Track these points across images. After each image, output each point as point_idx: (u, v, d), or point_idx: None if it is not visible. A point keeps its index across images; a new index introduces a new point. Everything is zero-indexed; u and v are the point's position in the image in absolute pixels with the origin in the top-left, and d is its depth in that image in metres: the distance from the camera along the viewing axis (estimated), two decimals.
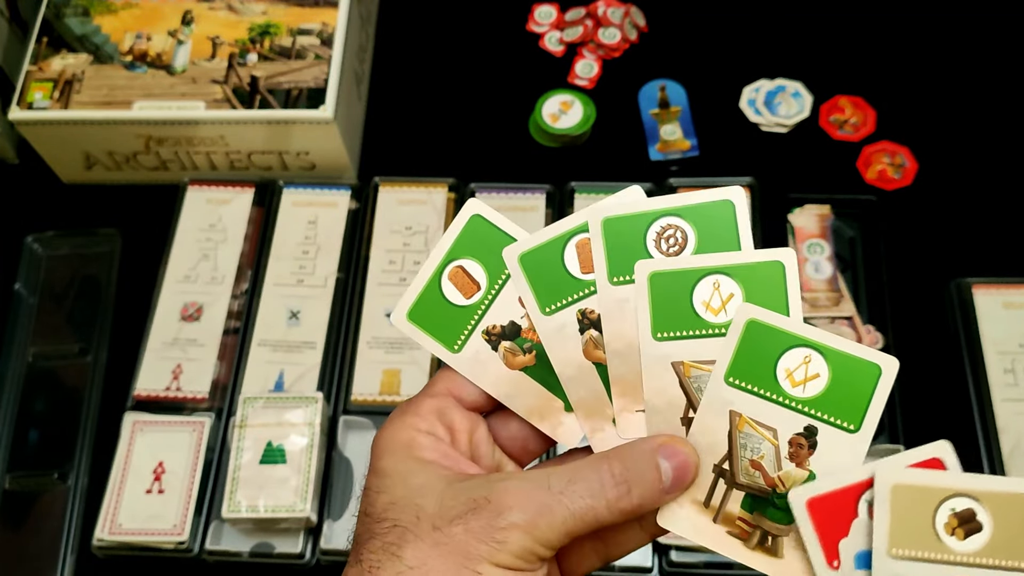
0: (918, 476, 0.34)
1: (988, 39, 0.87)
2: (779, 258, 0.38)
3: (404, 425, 0.37)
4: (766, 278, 0.38)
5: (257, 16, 0.82)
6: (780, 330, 0.36)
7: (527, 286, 0.39)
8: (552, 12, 0.91)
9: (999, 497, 0.33)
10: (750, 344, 0.36)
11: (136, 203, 0.84)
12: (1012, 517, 0.33)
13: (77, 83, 0.79)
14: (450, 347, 0.39)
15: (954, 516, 0.34)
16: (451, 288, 0.39)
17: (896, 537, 0.34)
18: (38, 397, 0.75)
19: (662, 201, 0.39)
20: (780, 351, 0.36)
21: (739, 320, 0.37)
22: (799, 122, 0.84)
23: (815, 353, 0.36)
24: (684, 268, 0.38)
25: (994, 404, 0.69)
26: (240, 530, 0.69)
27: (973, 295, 0.73)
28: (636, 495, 0.35)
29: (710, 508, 0.36)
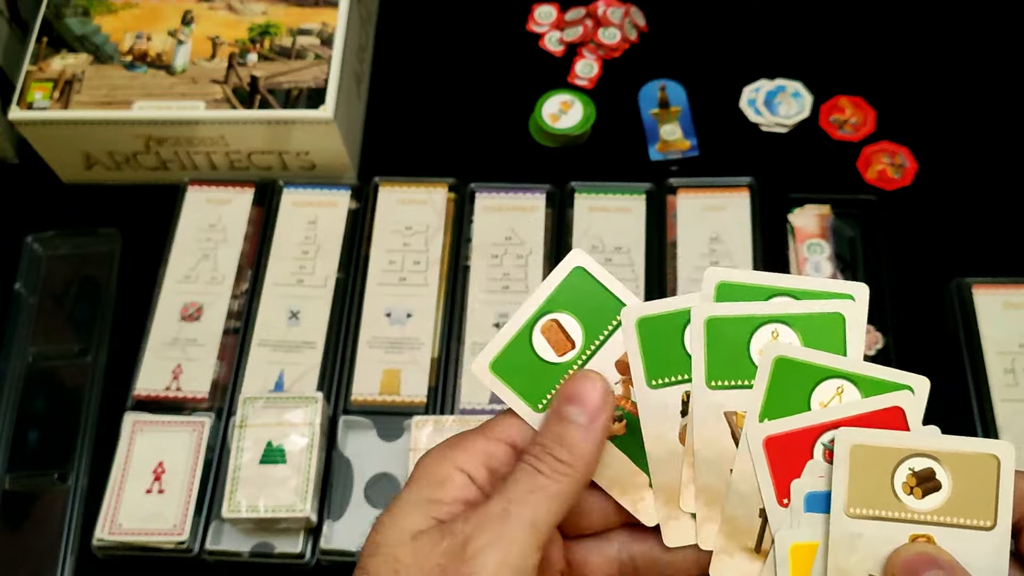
0: (877, 437, 0.34)
1: (988, 39, 0.87)
2: (839, 310, 0.36)
3: (446, 459, 0.36)
4: (826, 325, 0.36)
5: (257, 16, 0.82)
6: (816, 365, 0.35)
7: (639, 353, 0.36)
8: (552, 12, 0.91)
9: (958, 456, 0.34)
10: (780, 383, 0.36)
11: (136, 203, 0.84)
12: (970, 476, 0.33)
13: (77, 83, 0.79)
14: (534, 405, 0.37)
15: (913, 475, 0.34)
16: (543, 342, 0.37)
17: (854, 496, 0.34)
18: (38, 397, 0.75)
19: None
20: (813, 384, 0.35)
21: (766, 360, 0.36)
22: (799, 122, 0.84)
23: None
24: (742, 315, 0.36)
25: (994, 404, 0.69)
26: (240, 530, 0.69)
27: (973, 295, 0.73)
28: (563, 454, 0.34)
29: (762, 553, 0.35)
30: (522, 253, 0.77)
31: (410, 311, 0.75)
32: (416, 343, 0.74)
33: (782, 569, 0.35)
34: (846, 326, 0.36)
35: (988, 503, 0.33)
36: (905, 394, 0.35)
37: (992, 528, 0.33)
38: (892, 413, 0.35)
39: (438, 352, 0.74)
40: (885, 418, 0.35)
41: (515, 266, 0.77)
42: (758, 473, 0.35)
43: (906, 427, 0.35)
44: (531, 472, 0.34)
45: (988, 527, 0.33)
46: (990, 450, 0.34)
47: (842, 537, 0.34)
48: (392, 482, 0.70)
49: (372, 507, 0.69)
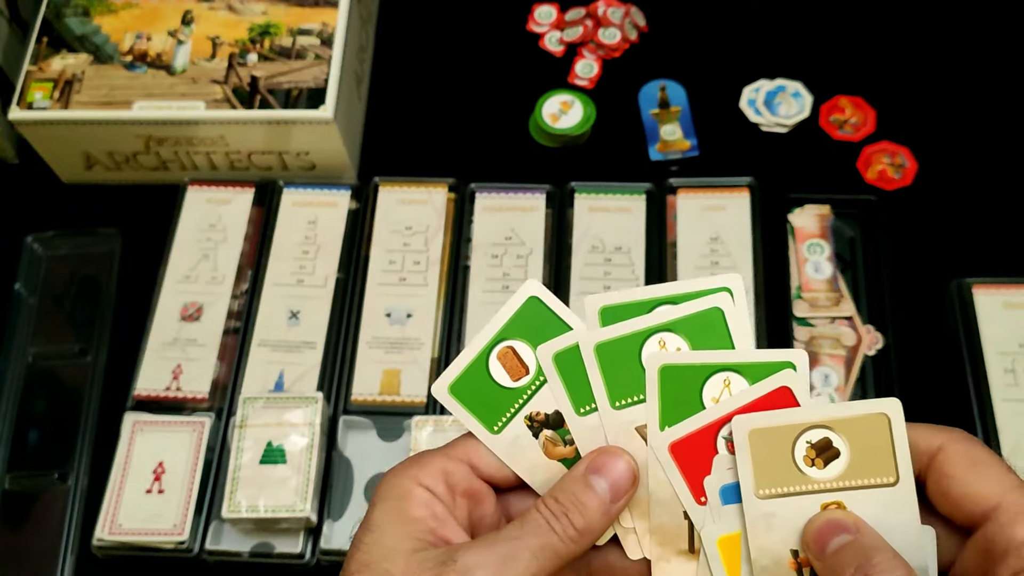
0: (771, 418, 0.35)
1: (988, 39, 0.87)
2: (716, 305, 0.37)
3: (406, 476, 0.37)
4: (707, 322, 0.37)
5: (257, 16, 0.82)
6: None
7: (561, 386, 0.38)
8: (552, 12, 0.91)
9: (849, 422, 0.35)
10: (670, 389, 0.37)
11: (136, 203, 0.84)
12: (864, 438, 0.35)
13: (77, 83, 0.79)
14: (489, 427, 0.38)
15: (811, 447, 0.35)
16: (499, 368, 0.38)
17: (761, 478, 0.35)
18: (38, 397, 0.75)
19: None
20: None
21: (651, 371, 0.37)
22: (799, 122, 0.84)
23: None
24: (626, 334, 0.37)
25: (994, 404, 0.69)
26: (240, 530, 0.69)
27: (973, 295, 0.73)
28: (579, 521, 0.35)
29: (695, 552, 0.37)
30: (522, 253, 0.77)
31: (410, 311, 0.75)
32: (416, 343, 0.74)
33: (715, 563, 0.36)
34: (726, 319, 0.37)
35: (887, 460, 0.35)
36: (787, 372, 0.36)
37: (896, 483, 0.35)
38: (781, 393, 0.36)
39: (438, 352, 0.74)
40: (775, 399, 0.36)
41: (515, 266, 0.77)
42: (671, 479, 0.36)
43: (796, 403, 0.36)
44: (545, 528, 0.35)
45: (892, 483, 0.35)
46: (879, 409, 0.35)
47: (758, 519, 0.35)
48: None
49: None
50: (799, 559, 0.35)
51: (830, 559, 0.34)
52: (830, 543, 0.34)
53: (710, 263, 0.75)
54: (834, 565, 0.33)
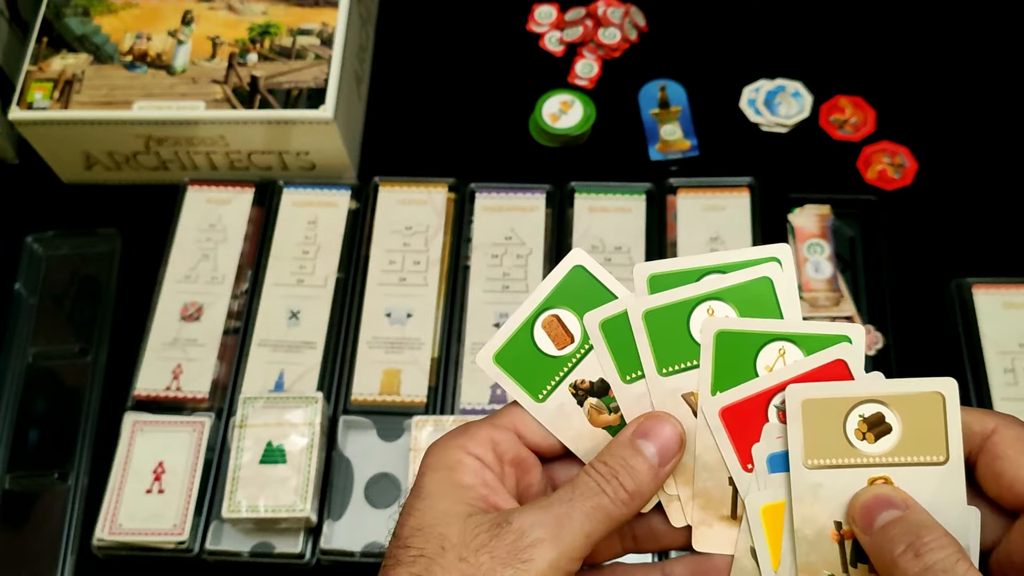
0: (825, 389, 0.35)
1: (988, 39, 0.87)
2: (766, 274, 0.38)
3: (455, 445, 0.37)
4: (756, 291, 0.37)
5: (257, 16, 0.82)
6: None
7: (608, 354, 0.38)
8: (552, 12, 0.91)
9: (904, 399, 0.35)
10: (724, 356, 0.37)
11: (136, 203, 0.84)
12: (918, 415, 0.35)
13: (77, 83, 0.79)
14: (534, 395, 0.38)
15: (863, 421, 0.35)
16: (543, 336, 0.39)
17: (811, 449, 0.35)
18: (38, 397, 0.75)
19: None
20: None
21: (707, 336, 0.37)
22: (799, 122, 0.84)
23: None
24: (676, 301, 0.38)
25: (994, 404, 0.69)
26: (240, 530, 0.69)
27: (973, 295, 0.73)
28: (629, 484, 0.35)
29: (738, 519, 0.37)
30: (522, 253, 0.77)
31: (410, 311, 0.75)
32: (416, 343, 0.74)
33: (756, 530, 0.36)
34: (775, 288, 0.37)
35: (939, 439, 0.35)
36: (844, 346, 0.36)
37: (945, 462, 0.35)
38: (836, 366, 0.36)
39: (438, 352, 0.74)
40: (829, 371, 0.36)
41: (515, 266, 0.77)
42: (719, 444, 0.37)
43: (850, 377, 0.36)
44: (596, 490, 0.35)
45: (941, 462, 0.35)
46: (934, 388, 0.35)
47: (804, 489, 0.35)
48: (392, 482, 0.70)
49: (372, 507, 0.69)
50: (842, 531, 0.35)
51: (878, 534, 0.34)
52: (878, 517, 0.34)
53: None
54: (882, 540, 0.33)
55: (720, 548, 0.37)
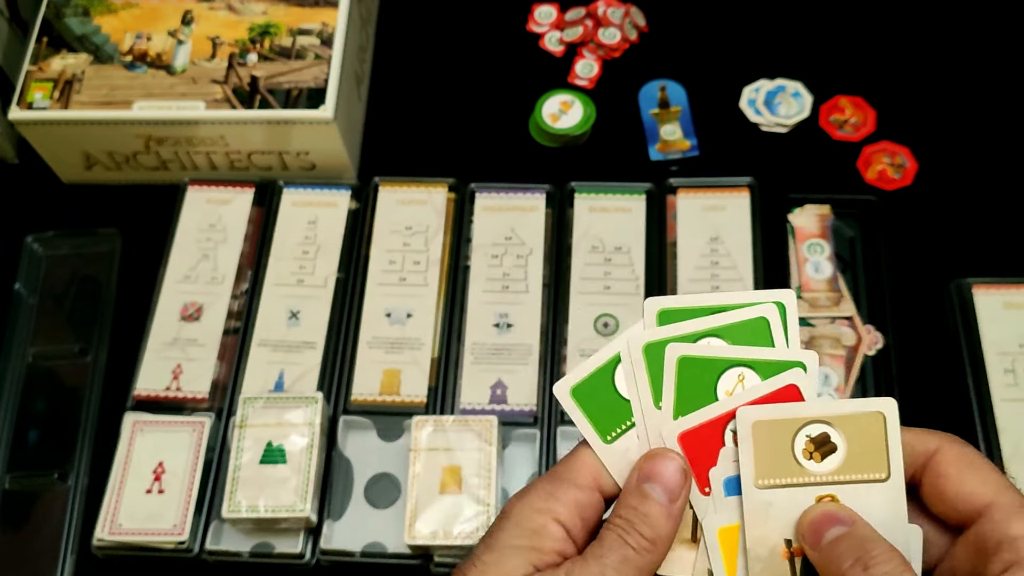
0: (774, 411, 0.37)
1: (988, 39, 0.87)
2: (763, 315, 0.38)
3: (544, 509, 0.37)
4: (753, 330, 0.38)
5: (257, 16, 0.82)
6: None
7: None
8: (552, 12, 0.91)
9: (848, 418, 0.36)
10: (686, 380, 0.38)
11: (136, 203, 0.84)
12: (861, 435, 0.36)
13: (77, 83, 0.79)
14: (603, 436, 0.38)
15: (810, 441, 0.36)
16: (622, 379, 0.39)
17: (761, 469, 0.36)
18: (38, 397, 0.75)
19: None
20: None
21: (670, 361, 0.38)
22: (799, 122, 0.84)
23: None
24: (675, 336, 0.38)
25: (994, 404, 0.69)
26: (240, 530, 0.69)
27: (973, 295, 0.73)
28: (647, 531, 0.36)
29: (697, 541, 0.38)
30: (522, 253, 0.77)
31: (410, 311, 0.75)
32: (416, 343, 0.74)
33: (713, 553, 0.37)
34: (770, 328, 0.38)
35: (881, 457, 0.36)
36: (797, 371, 0.37)
37: (887, 479, 0.36)
38: (788, 391, 0.37)
39: (438, 352, 0.74)
40: (783, 396, 0.37)
41: (515, 266, 0.77)
42: None
43: (802, 400, 0.37)
44: (622, 544, 0.36)
45: (883, 479, 0.36)
46: (875, 408, 0.36)
47: (755, 508, 0.36)
48: (392, 482, 0.70)
49: (372, 507, 0.69)
50: (792, 549, 0.36)
51: (826, 549, 0.35)
52: (826, 534, 0.35)
53: (710, 263, 0.75)
54: (831, 555, 0.34)
55: (680, 571, 0.38)
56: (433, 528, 0.65)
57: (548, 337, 0.74)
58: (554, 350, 0.73)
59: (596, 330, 0.74)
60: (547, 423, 0.70)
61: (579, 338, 0.73)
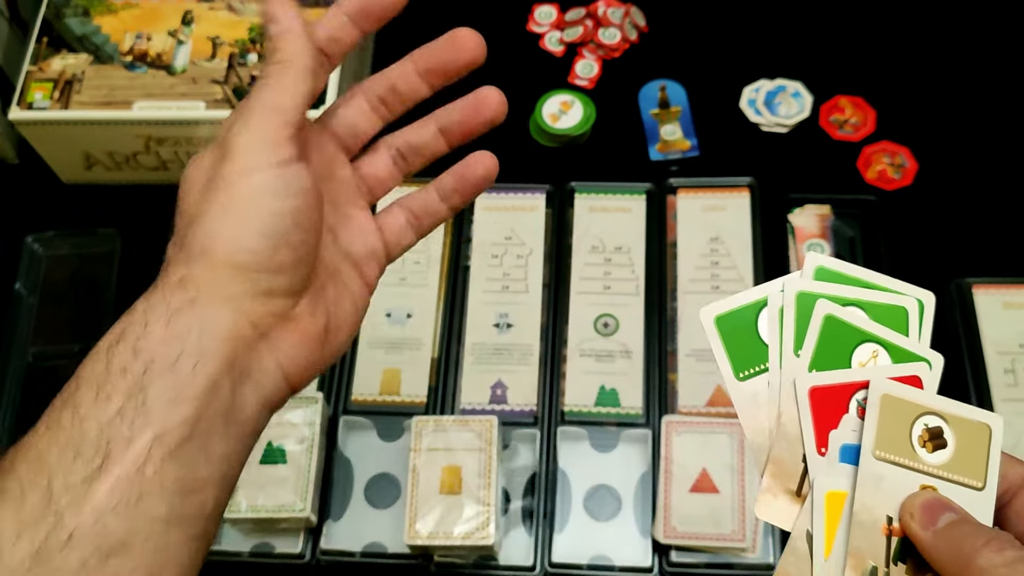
0: (903, 390, 0.38)
1: (988, 39, 0.87)
2: (903, 304, 0.40)
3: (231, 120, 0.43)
4: (891, 313, 0.40)
5: (257, 16, 0.82)
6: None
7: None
8: (552, 12, 0.91)
9: (963, 421, 0.38)
10: (827, 339, 0.39)
11: (136, 203, 0.84)
12: (971, 440, 0.38)
13: (77, 83, 0.79)
14: (736, 372, 0.39)
15: (927, 430, 0.38)
16: (765, 323, 0.40)
17: (880, 441, 0.38)
18: (38, 397, 0.75)
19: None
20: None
21: (817, 317, 0.39)
22: (799, 122, 0.84)
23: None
24: (826, 294, 0.40)
25: (994, 404, 0.69)
26: (240, 530, 0.69)
27: (973, 295, 0.73)
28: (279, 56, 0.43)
29: (802, 497, 0.38)
30: (522, 253, 0.77)
31: (410, 311, 0.75)
32: (416, 343, 0.74)
33: (818, 514, 0.38)
34: (908, 319, 0.40)
35: (981, 466, 0.38)
36: (923, 365, 0.40)
37: (982, 489, 0.37)
38: (912, 380, 0.39)
39: (438, 352, 0.74)
40: (907, 383, 0.39)
41: (515, 266, 0.77)
42: (802, 420, 0.38)
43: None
44: (260, 82, 0.41)
45: (979, 487, 0.37)
46: (985, 419, 0.38)
47: (869, 476, 0.37)
48: (392, 482, 0.70)
49: (372, 507, 0.69)
50: (891, 527, 0.37)
51: (943, 532, 0.35)
52: (940, 518, 0.36)
53: (710, 263, 0.75)
54: (951, 537, 0.35)
55: (779, 522, 0.38)
56: (433, 528, 0.65)
57: (548, 337, 0.74)
58: (554, 350, 0.73)
59: (596, 330, 0.74)
60: (547, 423, 0.70)
61: (579, 338, 0.73)
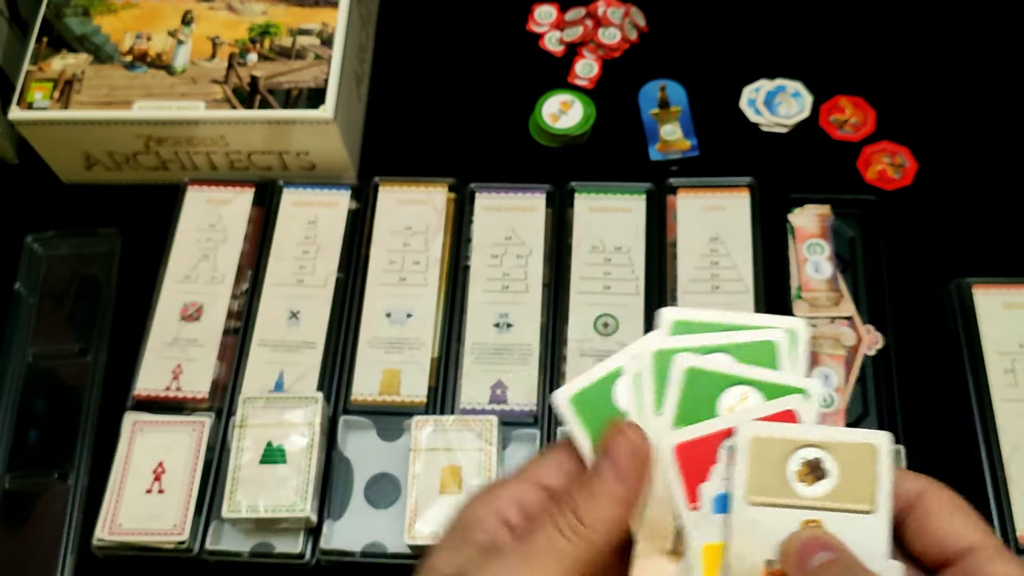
0: (775, 429, 0.37)
1: (988, 39, 0.87)
2: (771, 339, 0.39)
3: (480, 502, 0.37)
4: (759, 351, 0.39)
5: (257, 16, 0.82)
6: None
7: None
8: (552, 12, 0.91)
9: (844, 446, 0.37)
10: (690, 392, 0.38)
11: (136, 203, 0.84)
12: (854, 465, 0.36)
13: (77, 83, 0.79)
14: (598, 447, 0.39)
15: (805, 464, 0.37)
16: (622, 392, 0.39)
17: (753, 485, 0.37)
18: (38, 397, 0.75)
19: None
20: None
21: (677, 371, 0.38)
22: (799, 122, 0.84)
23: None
24: (687, 347, 0.39)
25: (994, 404, 0.69)
26: (240, 530, 0.69)
27: (973, 295, 0.73)
28: (583, 512, 0.34)
29: (678, 554, 0.38)
30: (522, 253, 0.77)
31: (410, 311, 0.75)
32: (416, 343, 0.74)
33: (695, 569, 0.37)
34: (778, 353, 0.39)
35: (870, 489, 0.36)
36: (797, 397, 0.38)
37: (874, 512, 0.36)
38: (786, 415, 0.38)
39: (438, 352, 0.74)
40: (781, 420, 0.38)
41: (515, 266, 0.77)
42: (670, 478, 0.37)
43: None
44: (550, 527, 0.34)
45: (869, 510, 0.36)
46: (869, 440, 0.37)
47: (742, 523, 0.36)
48: (392, 482, 0.70)
49: (372, 507, 0.69)
50: (771, 570, 0.36)
51: (812, 573, 0.35)
52: (812, 559, 0.35)
53: (710, 263, 0.75)
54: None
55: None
56: (433, 528, 0.65)
57: (548, 337, 0.74)
58: (554, 350, 0.73)
59: (596, 330, 0.74)
60: (547, 423, 0.70)
61: (579, 338, 0.73)
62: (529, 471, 0.38)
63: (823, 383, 0.71)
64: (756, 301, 0.74)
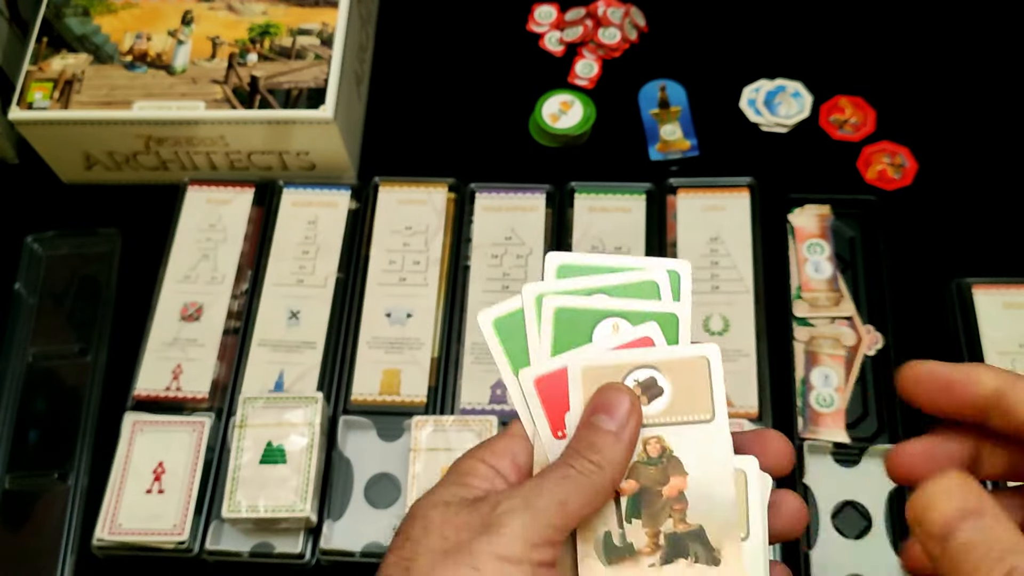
0: (602, 357, 0.39)
1: (988, 39, 0.87)
2: (654, 279, 0.40)
3: (472, 455, 0.39)
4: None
5: (257, 16, 0.82)
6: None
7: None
8: (552, 12, 0.91)
9: (673, 363, 0.38)
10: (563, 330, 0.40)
11: (136, 203, 0.84)
12: (686, 378, 0.38)
13: (77, 83, 0.79)
14: (515, 369, 0.40)
15: (638, 385, 0.38)
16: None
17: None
18: (38, 397, 0.75)
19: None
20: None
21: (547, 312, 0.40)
22: (799, 122, 0.84)
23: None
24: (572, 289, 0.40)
25: None
26: (240, 530, 0.69)
27: (973, 295, 0.73)
28: (595, 455, 0.36)
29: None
30: (522, 253, 0.77)
31: (410, 311, 0.75)
32: (416, 343, 0.74)
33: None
34: (659, 292, 0.40)
35: (706, 399, 0.38)
36: (651, 325, 0.39)
37: (712, 420, 0.38)
38: (642, 342, 0.39)
39: (438, 352, 0.74)
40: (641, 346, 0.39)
41: (515, 266, 0.77)
42: (532, 410, 0.39)
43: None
44: (564, 466, 0.36)
45: (708, 419, 0.38)
46: (700, 353, 0.38)
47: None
48: (392, 482, 0.70)
49: (372, 507, 0.69)
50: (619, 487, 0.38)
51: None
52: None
53: (710, 263, 0.75)
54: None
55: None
56: None
57: None
58: None
59: None
60: None
61: None
62: (516, 427, 0.40)
63: (823, 383, 0.71)
64: (756, 301, 0.74)
